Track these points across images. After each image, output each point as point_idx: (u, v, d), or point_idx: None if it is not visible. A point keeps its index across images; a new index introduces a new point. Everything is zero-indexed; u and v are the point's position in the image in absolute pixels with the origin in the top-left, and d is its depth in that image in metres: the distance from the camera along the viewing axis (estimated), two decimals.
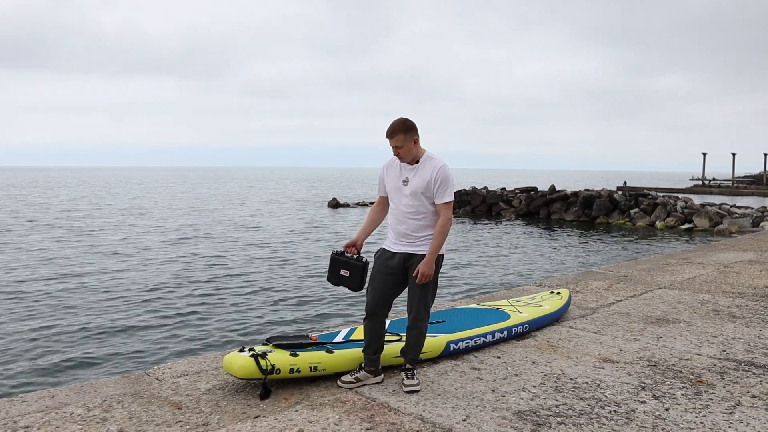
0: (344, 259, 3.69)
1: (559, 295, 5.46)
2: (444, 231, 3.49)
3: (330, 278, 3.78)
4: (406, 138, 3.45)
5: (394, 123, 3.48)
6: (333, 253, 3.77)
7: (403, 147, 3.46)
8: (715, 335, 4.76)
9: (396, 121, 3.48)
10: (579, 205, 29.11)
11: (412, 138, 3.47)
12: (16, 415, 3.13)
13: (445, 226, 3.49)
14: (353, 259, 3.67)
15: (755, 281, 7.07)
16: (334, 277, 3.75)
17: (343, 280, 3.69)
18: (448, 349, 4.10)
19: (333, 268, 3.74)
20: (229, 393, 3.46)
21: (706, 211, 25.79)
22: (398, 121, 3.48)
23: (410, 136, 3.46)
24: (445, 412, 3.22)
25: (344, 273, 3.68)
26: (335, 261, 3.74)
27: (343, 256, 3.71)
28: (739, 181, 72.24)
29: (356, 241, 3.73)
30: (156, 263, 15.46)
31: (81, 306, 10.66)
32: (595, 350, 4.34)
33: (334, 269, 3.74)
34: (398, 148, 3.46)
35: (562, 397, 3.45)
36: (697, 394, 3.52)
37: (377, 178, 3.78)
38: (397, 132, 3.44)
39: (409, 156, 3.51)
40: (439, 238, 3.47)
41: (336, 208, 37.64)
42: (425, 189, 3.49)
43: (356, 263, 3.65)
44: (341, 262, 3.70)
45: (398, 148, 3.47)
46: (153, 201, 43.42)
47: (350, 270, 3.66)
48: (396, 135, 3.44)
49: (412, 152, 3.50)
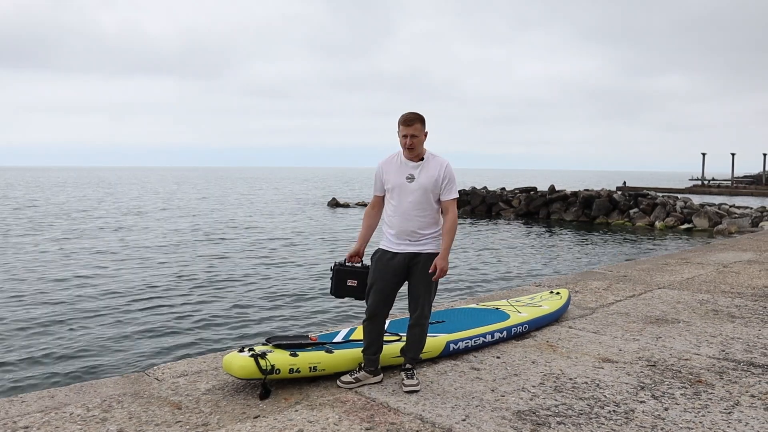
0: (350, 269, 3.66)
1: (558, 295, 5.47)
2: (454, 227, 3.55)
3: (334, 291, 3.72)
4: (422, 129, 3.51)
5: (412, 113, 3.50)
6: (336, 265, 3.71)
7: (418, 137, 3.49)
8: (714, 335, 4.76)
9: (413, 112, 3.51)
10: (578, 205, 29.11)
11: (425, 131, 3.53)
12: (16, 415, 3.13)
13: (455, 222, 3.55)
14: (360, 268, 3.65)
15: (754, 281, 7.07)
16: (339, 289, 3.69)
17: (351, 290, 3.64)
18: (448, 349, 4.11)
19: (339, 280, 3.67)
20: (229, 393, 3.47)
21: (706, 211, 25.79)
22: (414, 112, 3.52)
23: (424, 128, 3.53)
24: (444, 411, 3.22)
25: (351, 283, 3.64)
26: (340, 272, 3.67)
27: (346, 266, 3.68)
28: (738, 181, 72.27)
29: (359, 251, 3.72)
30: (156, 263, 15.46)
31: (80, 306, 10.65)
32: (594, 350, 4.35)
33: (340, 281, 3.67)
34: (414, 137, 3.48)
35: (561, 397, 3.46)
36: (696, 393, 3.53)
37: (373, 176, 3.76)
38: (415, 121, 3.48)
39: (419, 148, 3.53)
40: (451, 233, 3.53)
41: (336, 207, 37.64)
42: (433, 186, 3.52)
43: (362, 271, 3.63)
44: (347, 272, 3.66)
45: (414, 138, 3.48)
46: (152, 201, 43.42)
47: (358, 279, 3.63)
48: (415, 123, 3.47)
49: (422, 144, 3.54)
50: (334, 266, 3.74)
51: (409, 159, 3.56)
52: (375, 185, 3.72)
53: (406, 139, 3.49)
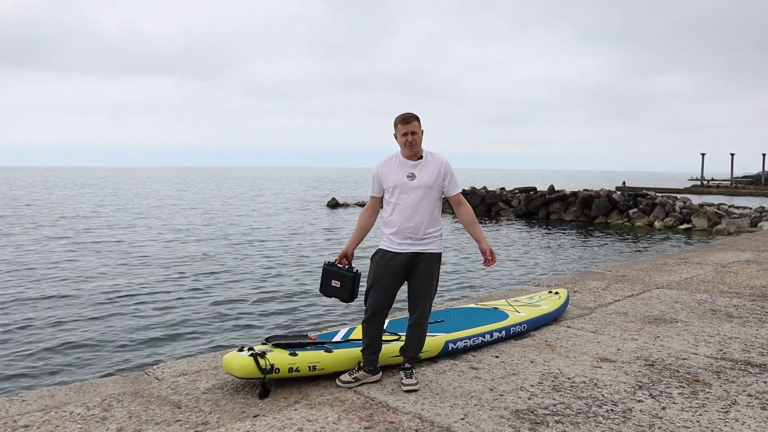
0: (335, 270, 3.71)
1: (557, 295, 5.48)
2: (473, 215, 3.71)
3: (321, 289, 3.81)
4: (420, 126, 3.57)
5: (408, 113, 3.56)
6: (325, 264, 3.79)
7: (418, 134, 3.55)
8: (712, 335, 4.78)
9: (408, 112, 3.57)
10: (578, 205, 29.13)
11: (421, 129, 3.59)
12: (16, 414, 3.15)
13: (472, 212, 3.72)
14: (344, 270, 3.68)
15: (752, 281, 7.09)
16: (325, 287, 3.77)
17: (335, 291, 3.69)
18: (447, 348, 4.12)
19: (324, 279, 3.76)
20: (229, 392, 3.48)
21: (705, 211, 25.82)
22: (410, 112, 3.57)
23: (420, 126, 3.59)
24: (443, 411, 3.23)
25: (335, 284, 3.69)
26: (326, 272, 3.75)
27: (334, 266, 3.73)
28: (737, 182, 72.27)
29: (347, 253, 3.75)
30: (155, 263, 15.46)
31: (81, 305, 10.66)
32: (592, 350, 4.36)
33: (325, 280, 3.76)
34: (414, 134, 3.53)
35: (559, 396, 3.47)
36: (694, 393, 3.54)
37: (371, 178, 3.76)
38: (413, 119, 3.54)
39: (419, 145, 3.58)
40: (476, 222, 3.70)
41: (335, 207, 37.64)
42: (434, 183, 3.57)
43: (346, 273, 3.66)
44: (332, 273, 3.72)
45: (414, 135, 3.53)
46: (152, 201, 43.40)
47: (341, 281, 3.68)
48: (413, 121, 3.54)
49: (421, 143, 3.60)
50: (324, 265, 3.80)
51: (408, 158, 3.59)
52: (372, 186, 3.72)
53: (407, 137, 3.52)
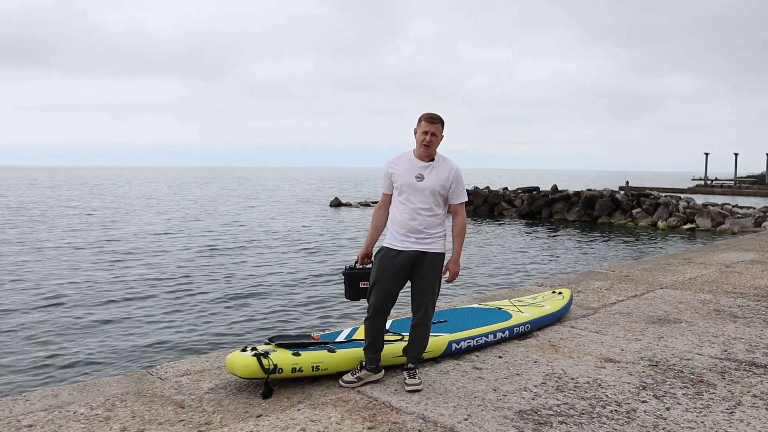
0: (362, 271, 3.68)
1: (560, 295, 5.47)
2: (464, 230, 3.67)
3: (349, 295, 3.75)
4: (442, 131, 3.57)
5: (436, 114, 3.57)
6: (346, 269, 3.73)
7: (437, 137, 3.54)
8: (716, 335, 4.76)
9: (437, 113, 3.57)
10: (581, 205, 29.08)
11: (442, 134, 3.59)
12: (20, 414, 3.15)
13: (464, 226, 3.67)
14: (369, 269, 3.66)
15: (757, 281, 7.07)
16: (353, 292, 3.71)
17: (365, 292, 3.66)
18: (450, 348, 4.11)
19: (351, 284, 3.69)
20: (232, 392, 3.48)
21: (708, 211, 25.75)
22: (438, 114, 3.58)
23: (443, 131, 3.58)
24: (446, 411, 3.23)
25: (365, 285, 3.66)
26: (352, 276, 3.70)
27: (357, 268, 3.69)
28: (741, 181, 72.07)
29: (368, 252, 3.74)
30: (159, 263, 15.49)
31: (84, 305, 10.68)
32: (596, 350, 4.35)
33: (352, 284, 3.69)
34: (434, 136, 3.52)
35: (563, 396, 3.46)
36: (698, 393, 3.53)
37: (382, 175, 3.75)
38: (438, 121, 3.54)
39: (434, 148, 3.57)
40: (461, 237, 3.66)
41: (338, 207, 37.65)
42: (441, 188, 3.55)
43: None
44: (359, 275, 3.67)
45: (433, 136, 3.52)
46: (155, 200, 43.47)
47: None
48: (437, 123, 3.53)
49: (438, 146, 3.59)
50: (345, 270, 3.74)
51: (420, 158, 3.58)
52: (383, 183, 3.71)
53: (426, 136, 3.51)
